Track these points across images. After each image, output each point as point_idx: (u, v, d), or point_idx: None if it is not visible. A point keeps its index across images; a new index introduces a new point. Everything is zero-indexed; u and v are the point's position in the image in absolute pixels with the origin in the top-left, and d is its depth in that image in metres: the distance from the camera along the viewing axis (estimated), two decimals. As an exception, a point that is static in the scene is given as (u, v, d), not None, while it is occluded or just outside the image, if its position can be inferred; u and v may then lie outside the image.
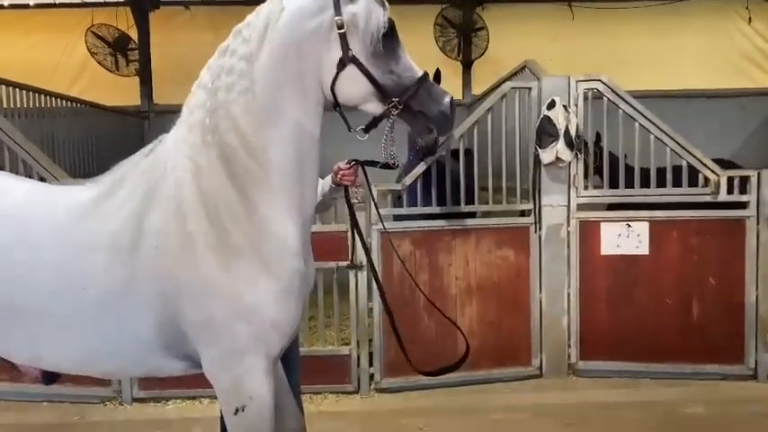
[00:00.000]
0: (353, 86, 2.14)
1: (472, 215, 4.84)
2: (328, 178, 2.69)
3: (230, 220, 2.09)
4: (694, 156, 4.70)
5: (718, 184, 4.66)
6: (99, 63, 8.07)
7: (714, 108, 8.22)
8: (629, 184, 4.80)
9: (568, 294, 4.85)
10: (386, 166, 2.45)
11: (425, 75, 2.18)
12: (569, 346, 4.88)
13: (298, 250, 2.19)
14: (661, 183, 4.74)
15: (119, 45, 8.12)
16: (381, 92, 2.13)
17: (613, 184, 4.83)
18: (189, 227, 2.08)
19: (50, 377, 2.49)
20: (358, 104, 2.19)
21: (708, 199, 4.71)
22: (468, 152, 4.86)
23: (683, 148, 4.72)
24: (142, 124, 8.21)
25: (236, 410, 2.15)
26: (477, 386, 4.71)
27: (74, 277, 2.12)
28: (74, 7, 8.10)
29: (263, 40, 2.11)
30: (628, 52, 8.33)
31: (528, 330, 4.86)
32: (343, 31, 2.08)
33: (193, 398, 4.54)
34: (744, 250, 4.68)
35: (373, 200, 2.77)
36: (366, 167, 2.68)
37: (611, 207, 4.95)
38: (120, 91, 8.09)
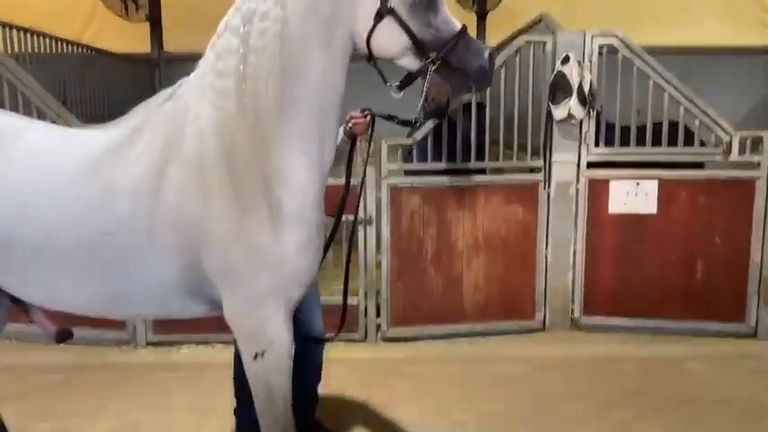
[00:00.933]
0: (390, 39, 2.10)
1: (482, 171, 4.86)
2: (341, 129, 2.68)
3: (252, 170, 2.09)
4: (707, 114, 4.67)
5: (730, 144, 4.63)
6: (108, 8, 7.98)
7: (733, 65, 8.06)
8: (641, 143, 4.79)
9: (574, 251, 4.90)
10: (405, 122, 2.44)
11: (464, 28, 2.13)
12: (573, 301, 4.96)
13: (316, 203, 2.22)
14: (672, 141, 4.72)
15: (128, -10, 8.01)
16: (419, 46, 2.09)
17: (624, 142, 4.81)
18: (210, 177, 2.08)
19: (63, 336, 2.56)
20: (394, 58, 2.16)
21: (719, 159, 4.70)
22: (481, 106, 4.84)
23: (696, 106, 4.67)
24: (153, 72, 8.16)
25: (256, 355, 2.22)
26: (481, 338, 4.82)
27: (97, 223, 2.14)
28: (83, -49, 7.96)
29: None
30: (647, 7, 8.12)
31: (533, 285, 4.95)
32: None
33: (206, 342, 4.69)
34: (752, 211, 4.69)
35: (368, 154, 2.77)
36: (379, 121, 2.68)
37: (621, 165, 4.93)
38: (131, 37, 8.00)
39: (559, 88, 4.57)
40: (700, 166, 4.88)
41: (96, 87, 6.54)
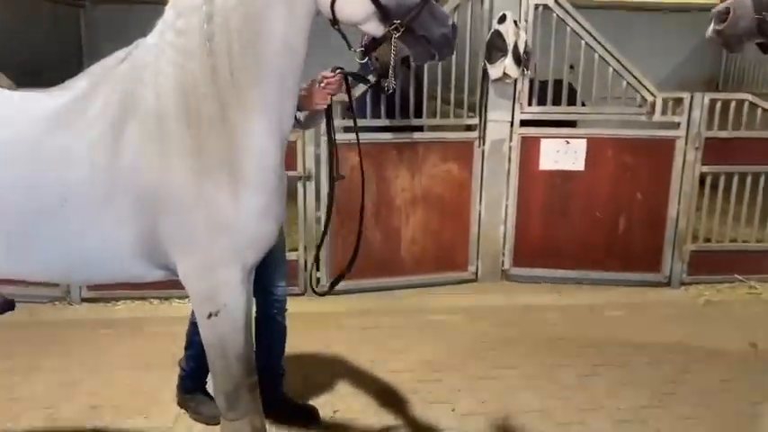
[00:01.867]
0: (354, 6, 2.11)
1: (419, 128, 4.93)
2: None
3: (212, 133, 2.06)
4: (634, 76, 4.87)
5: (653, 105, 4.87)
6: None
7: (659, 22, 8.35)
8: (571, 102, 4.96)
9: (506, 206, 5.11)
10: (376, 85, 2.41)
11: None
12: (503, 253, 5.20)
13: (277, 167, 2.22)
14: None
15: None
16: (383, 12, 2.10)
17: (555, 101, 4.98)
18: (169, 140, 2.06)
19: (5, 308, 2.50)
20: (358, 24, 2.16)
21: (643, 118, 4.94)
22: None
23: (624, 67, 4.86)
24: (77, 14, 7.73)
25: (210, 315, 2.25)
26: (417, 289, 5.01)
27: (54, 189, 2.09)
28: None
29: None
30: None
31: (467, 239, 5.14)
32: None
33: (143, 298, 4.68)
34: (671, 169, 4.98)
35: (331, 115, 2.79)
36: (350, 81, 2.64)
37: (551, 124, 5.11)
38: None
39: (495, 47, 4.65)
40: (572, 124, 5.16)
41: (14, 30, 6.16)
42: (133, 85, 2.09)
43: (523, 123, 4.97)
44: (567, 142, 4.94)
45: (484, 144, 4.99)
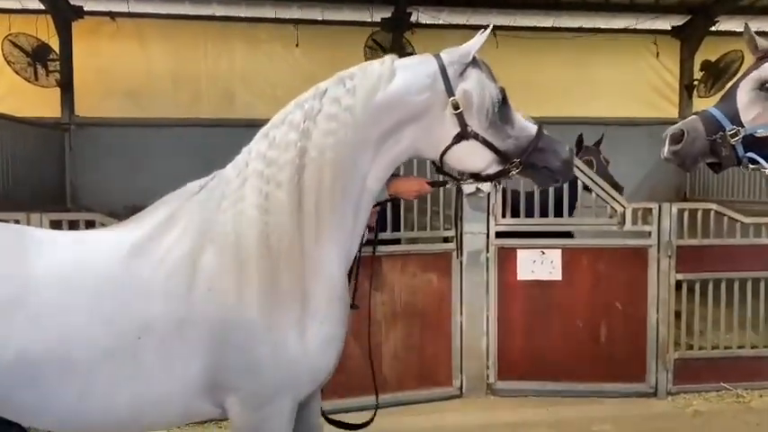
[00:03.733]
0: (473, 157, 2.21)
1: (397, 241, 4.99)
2: None
3: (288, 266, 2.06)
4: (603, 189, 5.04)
5: (623, 216, 5.01)
6: (16, 73, 7.77)
7: (625, 136, 8.78)
8: (544, 214, 5.09)
9: (487, 317, 5.08)
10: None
11: (540, 129, 2.24)
12: (488, 366, 5.10)
13: (344, 295, 2.22)
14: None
15: (38, 55, 7.84)
16: (503, 157, 2.20)
17: (529, 213, 5.10)
18: (247, 267, 2.04)
19: None
20: (478, 172, 2.26)
21: (615, 229, 5.06)
22: (396, 176, 5.01)
23: (593, 181, 5.04)
24: (63, 137, 7.94)
25: None
26: (400, 407, 4.84)
27: (129, 328, 2.04)
28: (-11, 14, 7.78)
29: (368, 98, 2.12)
30: (548, 81, 8.81)
31: (449, 352, 5.05)
32: (459, 111, 2.14)
33: None
34: (646, 276, 5.04)
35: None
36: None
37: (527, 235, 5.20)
38: (40, 101, 7.83)
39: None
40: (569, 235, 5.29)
41: (4, 152, 6.29)
42: (209, 213, 2.11)
43: (502, 234, 5.06)
44: (543, 252, 5.01)
45: (462, 255, 5.04)
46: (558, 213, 5.13)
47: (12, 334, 1.96)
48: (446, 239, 5.12)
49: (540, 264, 5.01)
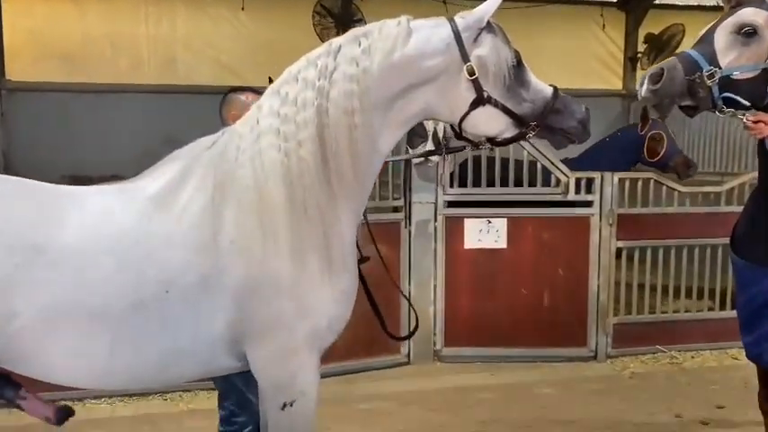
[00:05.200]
0: (490, 122, 2.19)
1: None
2: None
3: (313, 218, 2.10)
4: (548, 158, 5.12)
5: (567, 185, 5.11)
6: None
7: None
8: (490, 184, 5.15)
9: (435, 286, 5.14)
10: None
11: (556, 90, 2.23)
12: (434, 334, 5.18)
13: (354, 251, 2.28)
14: (518, 182, 5.13)
15: (-37, 14, 7.35)
16: (520, 121, 2.18)
17: (476, 183, 5.15)
18: (270, 224, 2.07)
19: (65, 415, 2.31)
20: (495, 136, 2.24)
21: (558, 198, 5.17)
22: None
23: (538, 150, 5.11)
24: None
25: (284, 405, 2.17)
26: (348, 376, 4.88)
27: (156, 280, 2.04)
28: None
29: (384, 60, 2.09)
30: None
31: (397, 321, 5.09)
32: (475, 77, 2.12)
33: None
34: (588, 244, 5.19)
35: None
36: None
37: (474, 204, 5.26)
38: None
39: (416, 133, 4.81)
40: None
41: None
42: (227, 167, 2.11)
43: (451, 204, 5.09)
44: (489, 221, 5.08)
45: (410, 225, 5.06)
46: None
47: (39, 282, 1.99)
48: (395, 209, 5.13)
49: (486, 233, 5.08)
